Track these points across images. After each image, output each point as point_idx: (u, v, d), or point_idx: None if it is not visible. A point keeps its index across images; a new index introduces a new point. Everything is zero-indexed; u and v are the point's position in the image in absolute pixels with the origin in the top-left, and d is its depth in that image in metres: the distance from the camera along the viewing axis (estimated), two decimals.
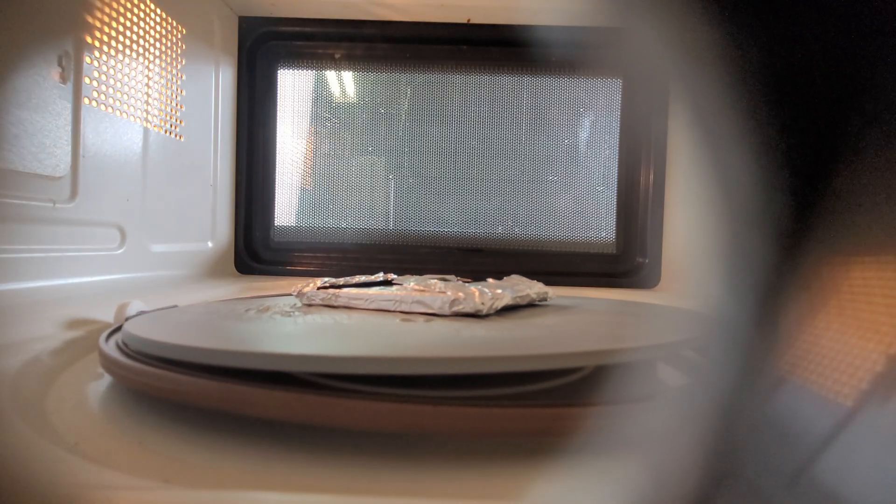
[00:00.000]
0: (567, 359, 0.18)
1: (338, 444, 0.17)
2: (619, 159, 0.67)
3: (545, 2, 0.61)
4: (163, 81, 0.51)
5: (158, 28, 0.50)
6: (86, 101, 0.40)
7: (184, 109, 0.55)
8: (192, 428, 0.18)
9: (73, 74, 0.38)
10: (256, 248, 0.68)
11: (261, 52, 0.67)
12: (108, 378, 0.23)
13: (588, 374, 0.22)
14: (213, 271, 0.63)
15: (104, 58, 0.41)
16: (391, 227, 0.69)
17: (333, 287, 0.34)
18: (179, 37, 0.53)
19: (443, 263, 0.67)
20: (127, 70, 0.45)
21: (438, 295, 0.29)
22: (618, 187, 0.67)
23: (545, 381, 0.20)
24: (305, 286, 0.35)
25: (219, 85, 0.62)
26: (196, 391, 0.17)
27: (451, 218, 0.69)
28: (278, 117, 0.68)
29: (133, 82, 0.46)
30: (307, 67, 0.68)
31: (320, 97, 0.69)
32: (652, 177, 0.66)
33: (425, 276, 0.38)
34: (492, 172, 0.69)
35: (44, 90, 0.35)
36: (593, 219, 0.68)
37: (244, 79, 0.66)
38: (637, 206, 0.67)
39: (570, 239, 0.68)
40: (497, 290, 0.30)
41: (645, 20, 0.12)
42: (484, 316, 0.28)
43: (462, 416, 0.15)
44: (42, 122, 0.35)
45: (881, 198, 0.10)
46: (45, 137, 0.36)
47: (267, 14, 0.65)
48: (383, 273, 0.40)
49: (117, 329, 0.26)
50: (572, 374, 0.21)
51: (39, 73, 0.35)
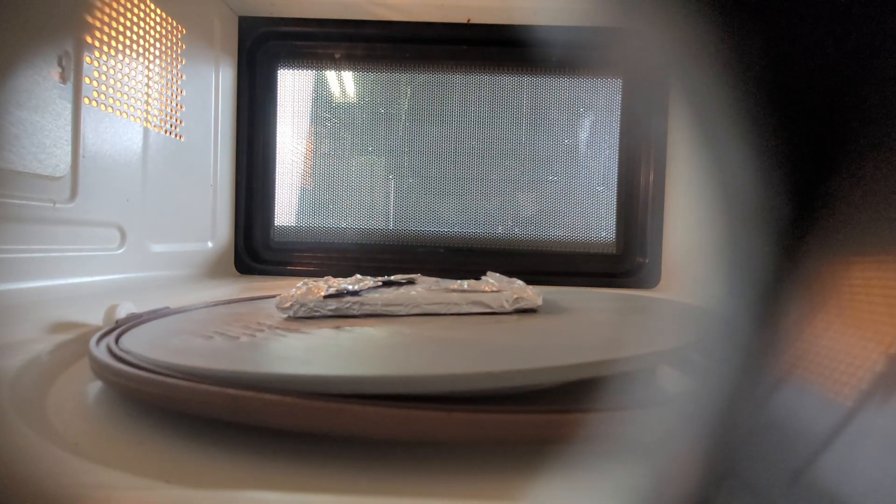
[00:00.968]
0: (580, 370, 0.18)
1: (337, 444, 0.17)
2: (619, 159, 0.67)
3: (545, 2, 0.61)
4: (163, 81, 0.51)
5: (158, 28, 0.50)
6: (86, 101, 0.40)
7: (184, 109, 0.55)
8: (192, 428, 0.18)
9: (73, 74, 0.38)
10: (256, 248, 0.68)
11: (261, 52, 0.67)
12: None
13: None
14: (213, 271, 0.63)
15: (104, 58, 0.41)
16: (391, 227, 0.69)
17: (350, 294, 0.31)
18: (179, 37, 0.53)
19: (443, 263, 0.67)
20: (127, 70, 0.45)
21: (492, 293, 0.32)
22: (618, 187, 0.67)
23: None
24: (296, 294, 0.30)
25: (219, 85, 0.62)
26: (196, 399, 0.17)
27: (451, 218, 0.69)
28: (278, 117, 0.68)
29: (133, 82, 0.46)
30: (307, 67, 0.68)
31: (320, 97, 0.69)
32: (652, 177, 0.66)
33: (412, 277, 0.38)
34: (492, 172, 0.69)
35: (44, 90, 0.35)
36: (593, 219, 0.68)
37: (244, 79, 0.66)
38: (637, 206, 0.67)
39: (570, 239, 0.67)
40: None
41: (645, 20, 0.12)
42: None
43: (474, 422, 0.15)
44: (42, 122, 0.35)
45: (881, 198, 0.10)
46: (45, 137, 0.36)
47: (267, 14, 0.65)
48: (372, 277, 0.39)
49: (108, 332, 0.25)
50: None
51: (39, 73, 0.35)
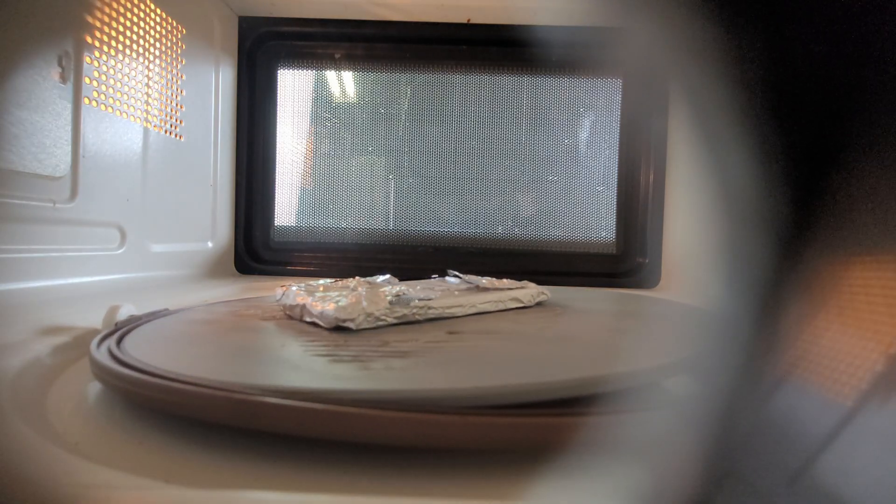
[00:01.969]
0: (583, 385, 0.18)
1: (337, 444, 0.17)
2: (619, 159, 0.67)
3: (545, 2, 0.61)
4: (163, 81, 0.51)
5: (158, 28, 0.50)
6: (86, 101, 0.40)
7: (184, 109, 0.55)
8: (192, 427, 0.18)
9: (73, 74, 0.38)
10: (256, 248, 0.68)
11: (261, 52, 0.67)
12: None
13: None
14: (213, 271, 0.63)
15: (104, 58, 0.41)
16: (391, 227, 0.69)
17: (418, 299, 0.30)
18: (179, 37, 0.53)
19: (443, 263, 0.67)
20: (127, 70, 0.45)
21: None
22: (618, 187, 0.67)
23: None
24: (351, 304, 0.27)
25: (219, 85, 0.62)
26: (203, 405, 0.16)
27: (451, 218, 0.69)
28: (278, 117, 0.68)
29: (133, 82, 0.46)
30: (307, 67, 0.68)
31: (320, 97, 0.69)
32: (652, 177, 0.66)
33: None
34: (492, 172, 0.69)
35: (44, 90, 0.35)
36: (593, 219, 0.68)
37: (244, 79, 0.66)
38: (637, 206, 0.67)
39: (570, 239, 0.67)
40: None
41: (645, 20, 0.12)
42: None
43: (489, 426, 0.15)
44: (42, 122, 0.35)
45: (881, 198, 0.10)
46: (45, 137, 0.36)
47: (267, 14, 0.65)
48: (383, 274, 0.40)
49: (108, 335, 0.25)
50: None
51: (39, 73, 0.35)
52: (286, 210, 0.69)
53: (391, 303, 0.28)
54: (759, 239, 0.11)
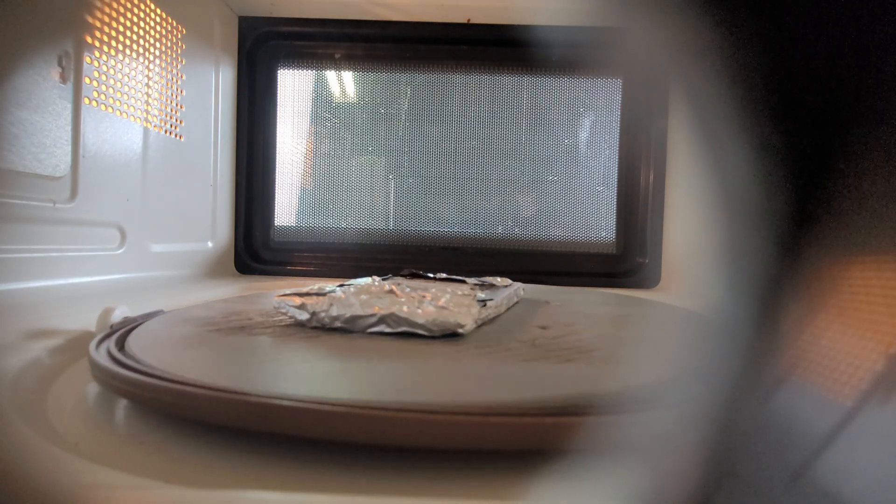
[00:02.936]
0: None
1: (337, 444, 0.17)
2: (619, 159, 0.67)
3: (545, 2, 0.61)
4: (163, 81, 0.51)
5: (158, 28, 0.50)
6: (86, 101, 0.40)
7: (184, 109, 0.55)
8: (191, 428, 0.18)
9: (73, 74, 0.38)
10: (256, 247, 0.68)
11: (261, 52, 0.67)
12: None
13: None
14: (213, 271, 0.63)
15: (104, 58, 0.41)
16: (391, 227, 0.69)
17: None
18: (179, 37, 0.53)
19: (443, 263, 0.67)
20: (127, 70, 0.45)
21: None
22: (618, 187, 0.67)
23: None
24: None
25: (219, 85, 0.62)
26: (210, 407, 0.16)
27: (451, 218, 0.69)
28: (278, 117, 0.68)
29: (133, 82, 0.46)
30: (307, 67, 0.68)
31: (320, 97, 0.69)
32: (652, 177, 0.66)
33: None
34: (492, 172, 0.69)
35: (44, 90, 0.35)
36: (593, 219, 0.68)
37: (244, 79, 0.66)
38: (637, 206, 0.67)
39: (570, 239, 0.68)
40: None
41: (645, 20, 0.12)
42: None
43: (484, 426, 0.15)
44: (42, 122, 0.35)
45: (881, 198, 0.10)
46: (45, 137, 0.36)
47: (267, 14, 0.65)
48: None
49: (106, 336, 0.25)
50: None
51: (39, 73, 0.35)
52: (286, 210, 0.69)
53: (481, 305, 0.29)
54: (759, 239, 0.11)
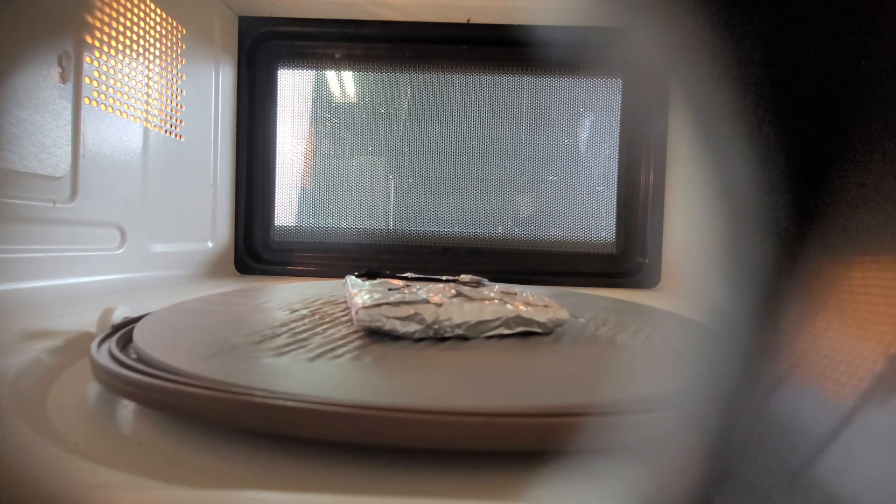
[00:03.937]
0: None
1: (337, 444, 0.17)
2: (619, 159, 0.67)
3: (545, 2, 0.61)
4: (163, 81, 0.51)
5: (158, 28, 0.50)
6: (86, 101, 0.40)
7: (184, 109, 0.55)
8: (192, 428, 0.18)
9: (73, 74, 0.38)
10: (256, 248, 0.68)
11: (261, 52, 0.67)
12: None
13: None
14: (213, 271, 0.63)
15: (104, 58, 0.41)
16: (391, 227, 0.69)
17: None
18: (179, 37, 0.53)
19: (443, 263, 0.67)
20: (127, 70, 0.45)
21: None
22: (618, 187, 0.67)
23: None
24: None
25: (219, 85, 0.62)
26: (219, 409, 0.16)
27: (451, 218, 0.69)
28: (278, 117, 0.68)
29: (133, 82, 0.46)
30: (307, 67, 0.68)
31: (320, 97, 0.69)
32: (652, 177, 0.66)
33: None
34: (492, 172, 0.69)
35: (44, 90, 0.35)
36: (593, 219, 0.68)
37: (244, 79, 0.66)
38: (637, 206, 0.67)
39: (570, 239, 0.68)
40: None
41: (645, 20, 0.12)
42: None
43: (484, 426, 0.15)
44: (42, 122, 0.35)
45: (881, 198, 0.10)
46: (45, 137, 0.36)
47: (267, 14, 0.65)
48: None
49: (107, 336, 0.25)
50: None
51: (39, 73, 0.35)
52: (286, 210, 0.69)
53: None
54: (759, 239, 0.11)
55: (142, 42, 0.47)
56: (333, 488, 0.15)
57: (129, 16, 0.45)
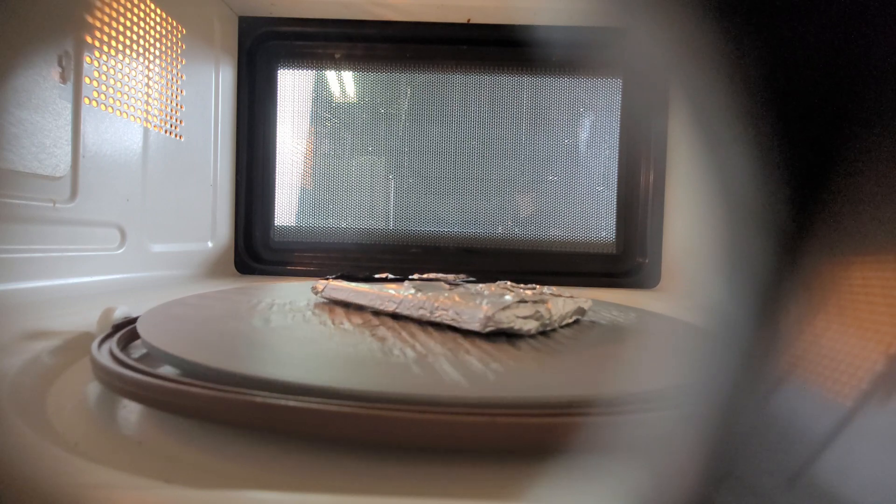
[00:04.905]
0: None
1: (337, 444, 0.17)
2: (619, 159, 0.67)
3: (545, 2, 0.61)
4: (163, 81, 0.51)
5: (158, 28, 0.50)
6: (86, 101, 0.40)
7: (184, 109, 0.55)
8: (191, 428, 0.18)
9: (73, 74, 0.38)
10: (256, 248, 0.68)
11: (261, 52, 0.67)
12: None
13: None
14: (213, 271, 0.63)
15: (104, 58, 0.41)
16: (391, 227, 0.69)
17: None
18: (179, 37, 0.53)
19: (443, 263, 0.67)
20: (127, 70, 0.45)
21: (472, 308, 0.26)
22: (618, 187, 0.67)
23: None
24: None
25: (219, 85, 0.62)
26: (223, 409, 0.16)
27: (451, 218, 0.69)
28: (278, 117, 0.68)
29: (133, 82, 0.46)
30: (307, 67, 0.68)
31: (320, 97, 0.69)
32: (652, 177, 0.66)
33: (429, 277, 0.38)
34: (492, 172, 0.69)
35: (44, 90, 0.35)
36: (593, 219, 0.68)
37: (244, 79, 0.66)
38: (637, 206, 0.67)
39: (570, 239, 0.68)
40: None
41: (645, 20, 0.12)
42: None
43: (484, 426, 0.15)
44: (42, 122, 0.35)
45: (882, 198, 0.10)
46: (45, 137, 0.36)
47: (267, 14, 0.65)
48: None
49: (108, 336, 0.25)
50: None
51: (39, 73, 0.35)
52: (286, 210, 0.69)
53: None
54: (759, 239, 0.11)
55: (142, 42, 0.47)
56: (333, 488, 0.15)
57: (128, 16, 0.45)
